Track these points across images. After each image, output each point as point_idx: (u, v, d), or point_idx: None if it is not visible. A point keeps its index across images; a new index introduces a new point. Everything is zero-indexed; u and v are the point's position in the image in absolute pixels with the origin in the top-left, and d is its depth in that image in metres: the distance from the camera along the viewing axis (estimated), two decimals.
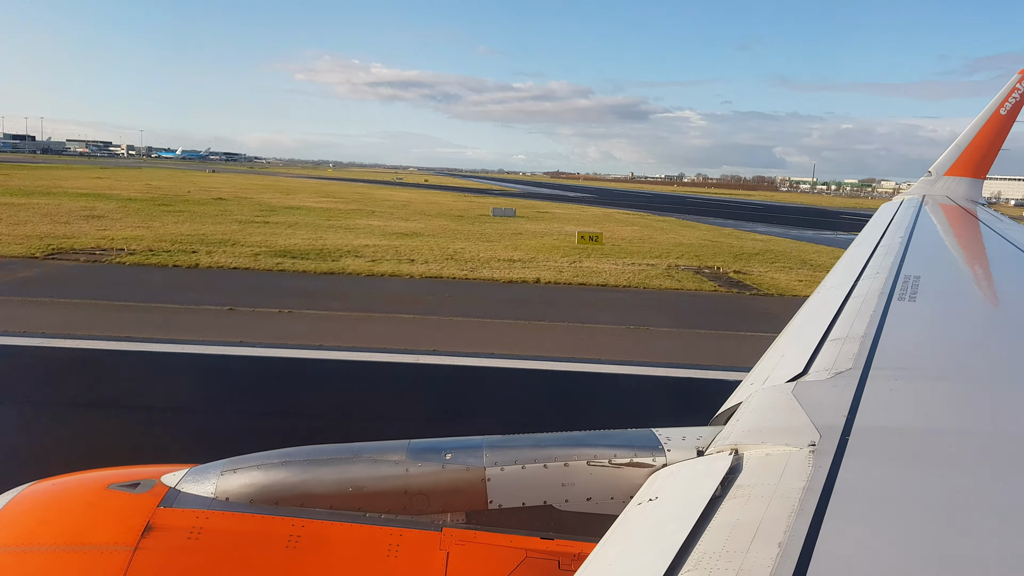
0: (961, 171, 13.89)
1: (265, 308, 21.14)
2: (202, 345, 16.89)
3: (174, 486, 3.11)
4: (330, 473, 3.11)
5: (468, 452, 3.17)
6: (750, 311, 24.88)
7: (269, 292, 23.79)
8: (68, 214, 44.36)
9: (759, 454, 2.54)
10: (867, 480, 2.25)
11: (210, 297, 22.41)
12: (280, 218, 50.43)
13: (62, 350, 16.04)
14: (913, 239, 7.47)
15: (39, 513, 3.08)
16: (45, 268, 26.02)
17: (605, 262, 34.30)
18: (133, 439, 11.60)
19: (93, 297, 21.62)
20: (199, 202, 61.45)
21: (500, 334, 19.61)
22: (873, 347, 3.53)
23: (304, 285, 25.54)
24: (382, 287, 26.01)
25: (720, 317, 23.47)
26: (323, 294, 24.10)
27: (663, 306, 24.90)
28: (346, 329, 19.56)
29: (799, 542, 1.86)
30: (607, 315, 22.67)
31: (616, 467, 3.07)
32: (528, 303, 24.13)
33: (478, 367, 16.45)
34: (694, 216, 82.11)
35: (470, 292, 25.76)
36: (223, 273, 27.31)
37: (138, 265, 27.77)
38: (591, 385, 15.89)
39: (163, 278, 25.62)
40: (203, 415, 12.91)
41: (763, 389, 3.27)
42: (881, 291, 4.82)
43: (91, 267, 27.04)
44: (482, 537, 2.98)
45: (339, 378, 15.53)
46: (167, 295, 22.36)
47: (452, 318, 21.20)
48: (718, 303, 26.29)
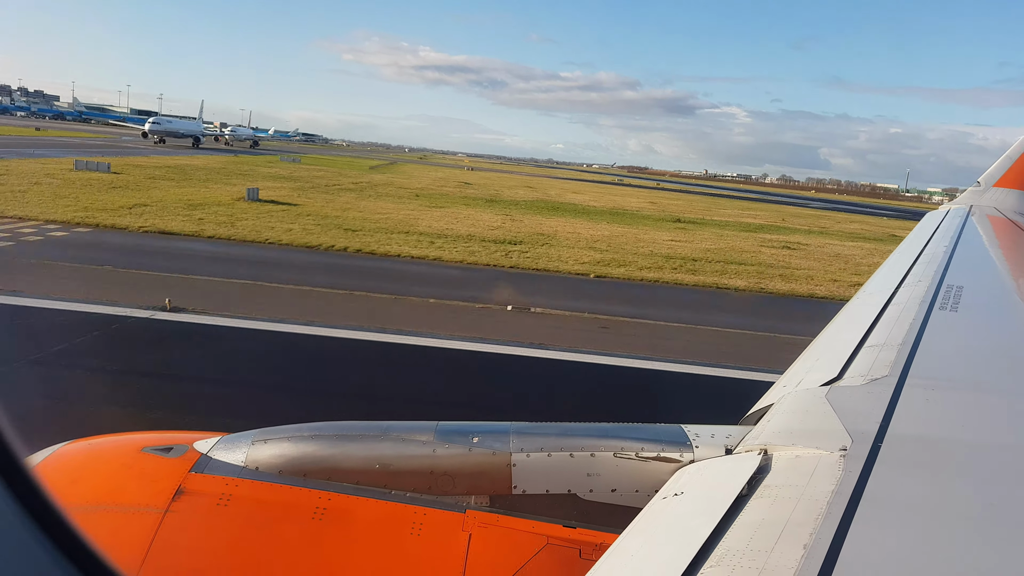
0: (1011, 183, 13.51)
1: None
2: None
3: (206, 452, 3.18)
4: (358, 449, 3.15)
5: (495, 437, 3.19)
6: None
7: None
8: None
9: (789, 456, 2.52)
10: (897, 488, 2.22)
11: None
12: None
13: None
14: (958, 249, 7.30)
15: (73, 472, 3.16)
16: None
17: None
18: None
19: None
20: (604, 212, 60.97)
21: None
22: (911, 355, 3.47)
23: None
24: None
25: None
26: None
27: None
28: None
29: (825, 545, 1.84)
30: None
31: (643, 460, 3.07)
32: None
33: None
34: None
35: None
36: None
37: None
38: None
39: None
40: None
41: (796, 392, 3.24)
42: (922, 299, 4.73)
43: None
44: (505, 521, 3.00)
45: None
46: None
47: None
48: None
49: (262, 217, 35.00)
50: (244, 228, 31.05)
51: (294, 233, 30.89)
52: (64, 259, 21.95)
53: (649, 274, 29.17)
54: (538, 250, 32.55)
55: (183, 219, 31.72)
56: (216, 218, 33.15)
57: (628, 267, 30.21)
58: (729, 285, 28.61)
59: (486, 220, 43.75)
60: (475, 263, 28.46)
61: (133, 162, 63.53)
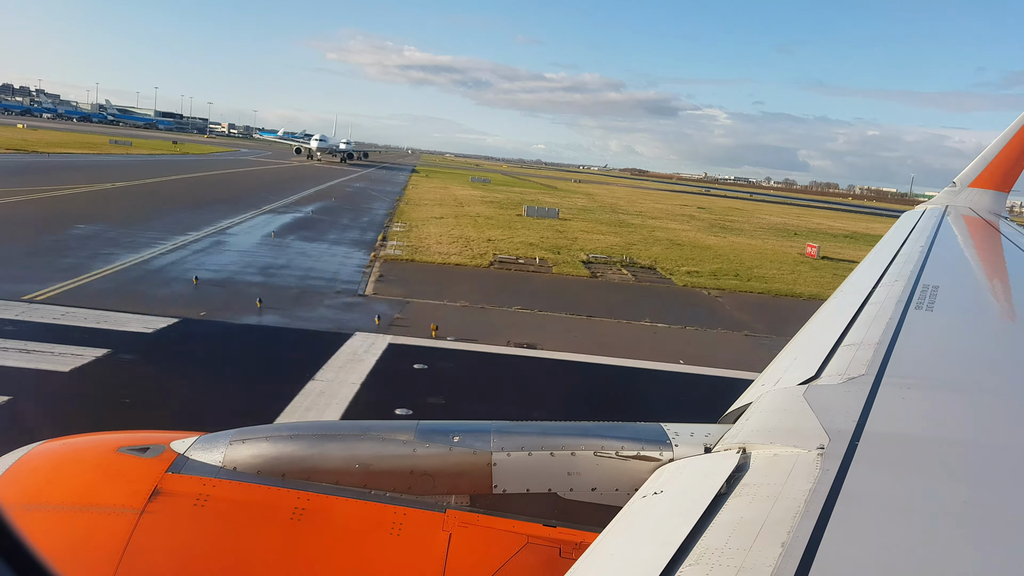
0: (986, 183, 13.67)
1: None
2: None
3: (183, 452, 3.14)
4: (338, 449, 3.13)
5: (476, 436, 3.18)
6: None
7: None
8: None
9: (767, 454, 2.54)
10: (874, 486, 2.24)
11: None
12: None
13: None
14: (934, 249, 7.38)
15: (48, 472, 3.11)
16: None
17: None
18: None
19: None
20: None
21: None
22: (888, 354, 3.51)
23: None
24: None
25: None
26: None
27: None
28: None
29: (803, 543, 1.85)
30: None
31: (623, 459, 3.07)
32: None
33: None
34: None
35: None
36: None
37: None
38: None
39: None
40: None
41: (774, 391, 3.26)
42: (899, 299, 4.78)
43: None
44: (485, 521, 2.99)
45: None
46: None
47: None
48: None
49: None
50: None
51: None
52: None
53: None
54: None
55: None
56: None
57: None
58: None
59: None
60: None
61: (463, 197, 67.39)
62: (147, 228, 31.24)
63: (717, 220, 69.87)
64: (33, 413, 11.49)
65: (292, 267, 26.58)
